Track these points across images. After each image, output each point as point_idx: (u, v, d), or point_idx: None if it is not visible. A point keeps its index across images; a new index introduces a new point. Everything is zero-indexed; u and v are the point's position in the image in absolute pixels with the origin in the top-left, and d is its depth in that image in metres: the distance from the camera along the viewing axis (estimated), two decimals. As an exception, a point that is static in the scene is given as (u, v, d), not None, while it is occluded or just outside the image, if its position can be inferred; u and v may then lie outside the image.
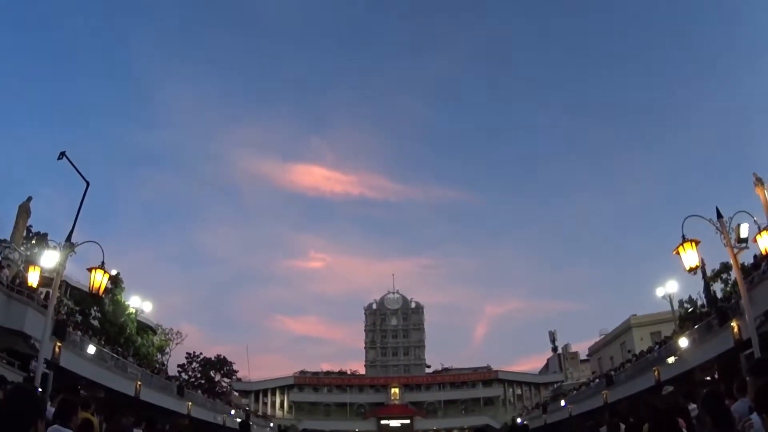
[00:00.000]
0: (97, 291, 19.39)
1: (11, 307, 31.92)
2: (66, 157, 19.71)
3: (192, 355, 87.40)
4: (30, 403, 4.07)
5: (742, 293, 21.75)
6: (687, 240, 18.79)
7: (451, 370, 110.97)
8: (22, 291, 32.24)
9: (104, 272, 18.96)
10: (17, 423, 3.88)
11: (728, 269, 39.96)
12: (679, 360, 38.49)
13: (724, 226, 19.79)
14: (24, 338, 32.41)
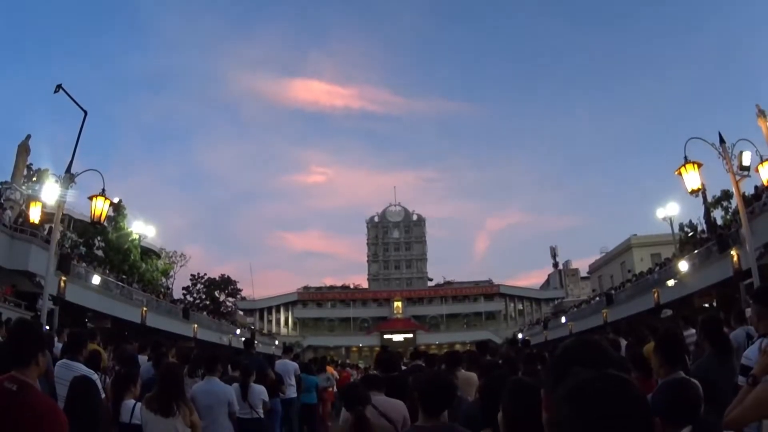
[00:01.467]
0: (99, 219, 19.31)
1: (15, 248, 31.94)
2: (62, 89, 19.38)
3: (196, 277, 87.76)
4: (31, 336, 4.08)
5: (743, 222, 21.83)
6: (689, 161, 18.70)
7: (453, 283, 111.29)
8: (24, 230, 32.27)
9: (105, 199, 18.81)
10: (19, 357, 3.89)
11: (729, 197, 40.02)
12: (679, 284, 38.69)
13: (727, 152, 19.77)
14: (29, 277, 32.43)
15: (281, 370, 15.32)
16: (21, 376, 3.79)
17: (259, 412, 10.38)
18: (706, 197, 40.89)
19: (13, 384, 3.71)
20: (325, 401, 20.49)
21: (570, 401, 1.52)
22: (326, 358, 26.14)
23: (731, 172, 19.77)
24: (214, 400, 8.44)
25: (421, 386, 4.69)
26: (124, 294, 45.85)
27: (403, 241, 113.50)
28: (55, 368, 7.66)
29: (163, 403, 6.75)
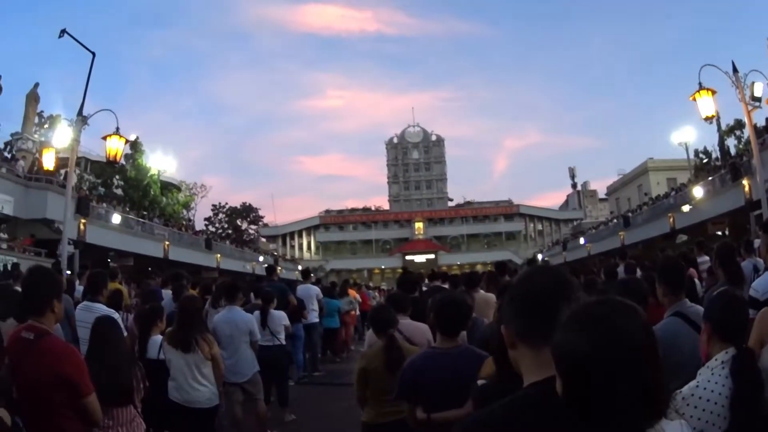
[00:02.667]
0: (115, 158, 19.27)
1: (30, 197, 32.19)
2: (67, 33, 19.06)
3: (217, 207, 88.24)
4: (45, 284, 4.14)
5: (754, 153, 21.89)
6: (703, 88, 18.60)
7: (473, 203, 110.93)
8: (39, 178, 32.44)
9: (120, 138, 18.66)
10: (35, 305, 4.01)
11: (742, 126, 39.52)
12: (694, 210, 38.49)
13: (740, 81, 19.60)
14: (48, 224, 32.71)
15: (303, 295, 15.33)
16: (37, 324, 3.92)
17: (281, 339, 10.42)
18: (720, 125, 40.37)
19: (30, 333, 3.86)
20: (347, 325, 20.64)
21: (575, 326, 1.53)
22: (348, 281, 26.07)
23: (743, 101, 19.74)
24: (235, 329, 8.48)
25: (436, 308, 4.68)
26: (146, 230, 46.15)
27: (423, 162, 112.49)
28: (76, 311, 7.83)
29: (182, 338, 6.79)
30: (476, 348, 4.50)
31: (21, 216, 32.31)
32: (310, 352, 15.73)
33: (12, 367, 3.73)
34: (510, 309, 1.87)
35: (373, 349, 5.73)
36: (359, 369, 5.60)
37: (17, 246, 30.89)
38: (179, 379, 6.81)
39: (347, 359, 18.82)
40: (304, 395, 12.88)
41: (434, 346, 4.67)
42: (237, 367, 8.30)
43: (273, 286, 12.54)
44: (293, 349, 13.11)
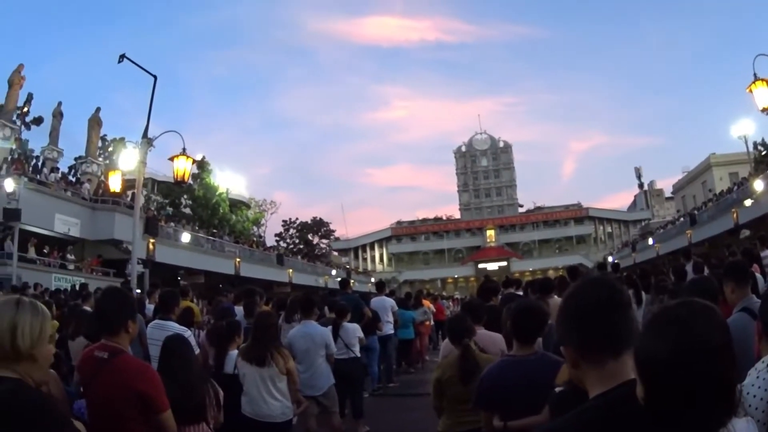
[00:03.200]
0: (183, 178, 18.77)
1: (98, 219, 32.59)
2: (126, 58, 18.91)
3: (288, 222, 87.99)
4: (119, 304, 4.12)
5: None
6: (759, 78, 17.58)
7: (543, 208, 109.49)
8: (106, 200, 32.70)
9: (187, 158, 18.25)
10: (108, 325, 3.98)
11: (801, 118, 37.76)
12: (755, 204, 37.42)
13: None
14: (115, 245, 32.99)
15: (377, 307, 15.13)
16: (111, 342, 3.91)
17: (355, 351, 10.35)
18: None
19: (103, 352, 3.86)
20: (422, 335, 20.28)
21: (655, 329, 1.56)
22: (422, 291, 26.02)
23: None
24: (311, 343, 8.46)
25: (512, 315, 4.58)
26: (216, 247, 46.34)
27: (492, 169, 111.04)
28: (148, 329, 7.90)
29: (257, 353, 6.75)
30: (552, 354, 4.46)
31: (88, 237, 32.65)
32: (385, 363, 15.65)
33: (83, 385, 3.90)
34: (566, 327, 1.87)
35: (449, 359, 5.69)
36: (435, 379, 5.60)
37: (85, 267, 31.29)
38: (252, 394, 6.77)
39: (422, 370, 18.61)
40: (379, 407, 12.78)
41: (511, 354, 4.61)
42: (312, 381, 8.32)
43: (347, 299, 12.60)
44: (368, 361, 13.22)
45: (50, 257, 29.46)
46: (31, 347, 2.77)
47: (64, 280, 27.56)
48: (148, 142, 19.31)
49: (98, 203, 33.04)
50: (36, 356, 2.80)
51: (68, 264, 30.16)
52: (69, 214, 31.08)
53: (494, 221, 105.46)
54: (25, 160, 32.50)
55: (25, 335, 2.75)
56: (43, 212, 28.97)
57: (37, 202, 28.58)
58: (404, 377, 17.16)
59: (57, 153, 36.57)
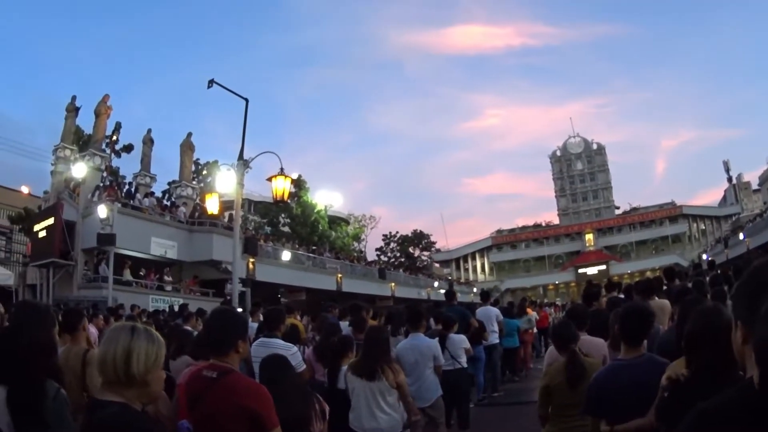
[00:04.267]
0: (282, 197, 18.23)
1: (195, 241, 32.75)
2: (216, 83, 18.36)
3: (388, 236, 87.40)
4: (230, 324, 4.07)
5: None
6: None
7: (638, 209, 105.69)
8: (203, 222, 32.74)
9: (285, 177, 17.59)
10: (218, 345, 3.92)
11: None
12: None
13: None
14: (214, 265, 32.80)
15: (483, 316, 14.86)
16: (220, 362, 3.84)
17: (462, 362, 10.14)
18: None
19: (212, 371, 3.79)
20: (526, 343, 19.86)
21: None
22: (526, 299, 25.00)
23: None
24: (419, 355, 8.25)
25: (620, 317, 4.61)
26: (317, 264, 46.15)
27: (587, 172, 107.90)
28: (252, 347, 7.51)
29: (367, 367, 6.68)
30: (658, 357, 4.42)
31: (185, 259, 32.73)
32: (491, 372, 15.26)
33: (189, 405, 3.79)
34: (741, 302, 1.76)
35: (556, 366, 5.62)
36: (543, 386, 5.55)
37: (183, 287, 31.52)
38: (360, 408, 6.71)
39: (526, 378, 18.27)
40: (484, 417, 12.41)
41: (619, 358, 4.58)
42: (420, 392, 7.98)
43: (453, 311, 12.43)
44: (474, 371, 12.96)
45: (147, 279, 29.67)
46: (145, 374, 2.78)
47: (161, 301, 27.67)
48: (245, 164, 18.95)
49: (195, 225, 33.10)
50: (149, 382, 2.82)
51: (165, 285, 30.38)
52: (165, 237, 31.27)
53: (592, 225, 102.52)
54: (117, 187, 32.82)
55: (140, 362, 2.75)
56: (138, 236, 29.13)
57: (131, 227, 28.84)
58: (509, 386, 16.69)
59: (149, 178, 36.85)
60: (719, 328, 2.87)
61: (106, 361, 2.75)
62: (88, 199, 29.63)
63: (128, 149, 43.36)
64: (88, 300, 24.45)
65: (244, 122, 19.61)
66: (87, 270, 29.18)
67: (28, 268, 30.53)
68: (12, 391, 3.26)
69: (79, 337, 5.60)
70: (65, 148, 32.14)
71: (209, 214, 26.85)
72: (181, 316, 14.52)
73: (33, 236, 32.21)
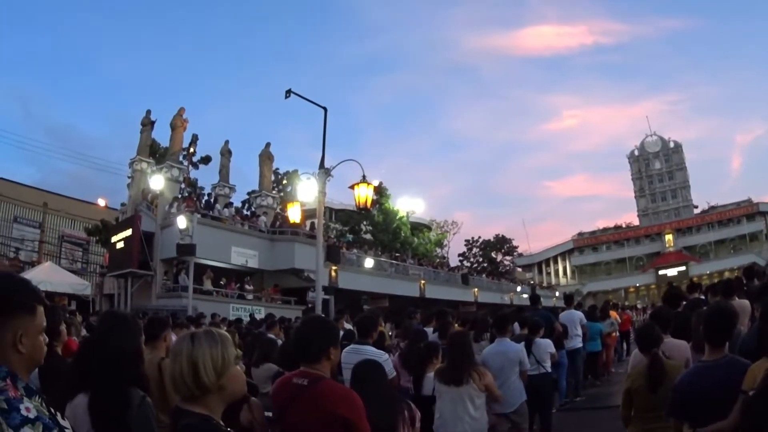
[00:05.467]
0: (365, 205, 17.96)
1: (276, 250, 32.58)
2: (293, 92, 17.97)
3: (471, 242, 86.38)
4: (321, 332, 3.94)
5: None
6: None
7: (716, 207, 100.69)
8: (284, 231, 32.57)
9: (368, 185, 17.41)
10: (308, 352, 3.82)
11: None
12: None
13: None
14: (296, 273, 32.55)
15: (567, 320, 14.64)
16: (311, 369, 3.77)
17: (546, 366, 10.09)
18: None
19: (303, 379, 3.74)
20: (608, 347, 19.30)
21: None
22: (608, 302, 25.09)
23: None
24: (506, 360, 8.10)
25: (704, 318, 4.48)
26: (399, 271, 45.72)
27: (666, 171, 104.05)
28: (343, 354, 7.15)
29: (454, 373, 6.59)
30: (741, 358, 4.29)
31: (267, 268, 32.40)
32: (574, 377, 14.83)
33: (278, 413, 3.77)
34: None
35: (638, 369, 5.52)
36: (626, 390, 5.48)
37: (264, 296, 31.32)
38: (446, 413, 6.60)
39: (608, 382, 17.72)
40: (566, 421, 12.12)
41: (703, 360, 4.40)
42: (505, 397, 7.69)
43: (538, 315, 12.29)
44: (557, 375, 12.54)
45: (228, 288, 29.47)
46: (216, 379, 2.56)
47: (242, 309, 27.33)
48: (326, 172, 18.60)
49: (276, 234, 32.79)
50: (224, 386, 2.60)
51: (246, 294, 30.10)
52: (246, 246, 31.00)
53: (671, 225, 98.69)
54: (196, 198, 33.09)
55: (208, 370, 2.54)
56: (218, 246, 29.06)
57: (211, 237, 28.76)
58: (591, 390, 16.48)
59: (228, 189, 36.81)
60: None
61: (175, 378, 2.55)
62: (166, 211, 29.73)
63: (206, 161, 43.66)
64: (167, 309, 24.27)
65: (323, 131, 19.18)
66: (166, 280, 29.26)
67: (105, 278, 30.88)
68: (94, 397, 3.38)
69: (159, 346, 5.45)
70: (141, 161, 32.26)
71: (291, 222, 26.76)
72: (265, 324, 14.38)
73: (110, 247, 32.62)
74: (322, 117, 19.54)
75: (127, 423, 3.21)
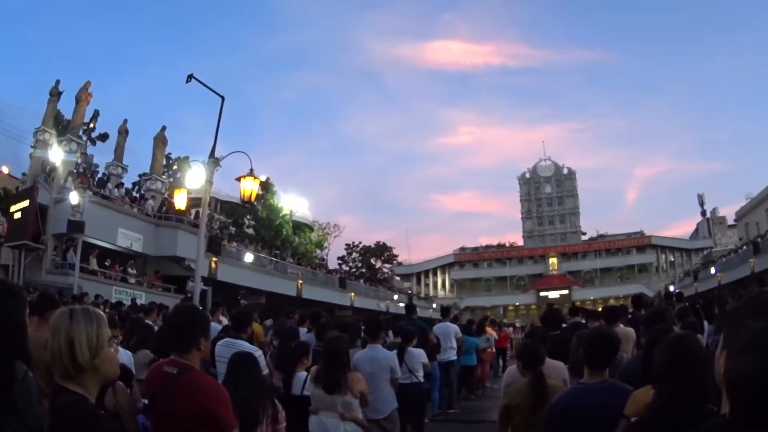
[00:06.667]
0: (249, 198, 18.08)
1: (161, 235, 32.96)
2: (195, 78, 18.84)
3: (351, 246, 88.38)
4: (193, 321, 4.07)
5: None
6: None
7: (606, 236, 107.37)
8: (170, 217, 33.04)
9: (254, 178, 17.64)
10: (180, 341, 3.93)
11: None
12: None
13: None
14: (177, 261, 33.29)
15: (441, 332, 15.11)
16: (181, 359, 3.86)
17: (419, 376, 10.27)
18: None
19: (173, 367, 3.82)
20: (484, 362, 20.19)
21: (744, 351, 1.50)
22: (486, 318, 25.46)
23: None
24: (377, 366, 8.29)
25: (586, 342, 4.66)
26: (278, 269, 46.37)
27: (555, 196, 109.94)
28: (217, 347, 7.63)
29: (329, 378, 6.72)
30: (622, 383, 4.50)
31: (150, 253, 33.00)
32: (447, 389, 15.46)
33: (150, 400, 3.94)
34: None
35: (518, 386, 5.76)
36: (503, 405, 5.60)
37: (146, 281, 31.67)
38: (321, 418, 6.79)
39: (482, 397, 18.58)
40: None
41: (582, 382, 4.61)
42: (376, 404, 7.99)
43: (412, 324, 12.48)
44: (430, 386, 12.87)
45: (112, 270, 29.91)
46: (91, 359, 2.76)
47: (124, 293, 27.95)
48: (216, 162, 19.21)
49: (162, 220, 33.38)
50: (98, 366, 2.81)
51: (129, 278, 30.59)
52: (132, 229, 31.52)
53: (557, 249, 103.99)
54: (91, 175, 33.05)
55: (83, 349, 2.75)
56: (106, 226, 29.47)
57: (100, 216, 29.11)
58: (464, 404, 16.90)
59: (122, 169, 37.09)
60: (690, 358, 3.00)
61: (54, 354, 2.77)
62: (61, 185, 29.84)
63: (104, 138, 43.63)
64: (56, 286, 24.80)
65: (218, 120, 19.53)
66: (55, 255, 29.46)
67: (2, 248, 30.99)
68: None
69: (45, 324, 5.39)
70: (45, 131, 32.30)
71: (176, 209, 27.20)
72: (144, 311, 15.02)
73: (9, 217, 32.28)
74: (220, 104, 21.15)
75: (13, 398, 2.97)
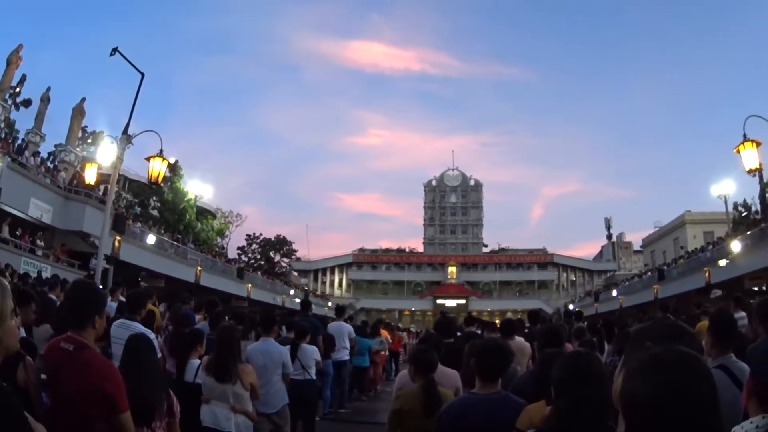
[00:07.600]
0: (156, 179, 19.54)
1: (69, 208, 32.95)
2: (118, 52, 19.55)
3: (252, 237, 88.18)
4: (90, 299, 4.09)
5: None
6: (748, 140, 18.47)
7: (507, 250, 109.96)
8: (79, 191, 33.19)
9: (163, 159, 19.02)
10: (77, 318, 3.94)
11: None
12: (730, 264, 37.82)
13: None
14: (83, 237, 33.51)
15: (335, 331, 15.48)
16: (77, 336, 3.86)
17: (311, 373, 10.47)
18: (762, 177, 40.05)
19: (69, 344, 3.81)
20: (377, 364, 20.70)
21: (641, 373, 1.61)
22: (381, 321, 26.38)
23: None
24: (269, 360, 8.54)
25: (478, 352, 4.74)
26: (179, 253, 46.76)
27: (460, 206, 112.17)
28: (112, 328, 7.64)
29: (221, 368, 6.82)
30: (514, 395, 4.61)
31: (58, 226, 33.04)
32: (339, 388, 15.87)
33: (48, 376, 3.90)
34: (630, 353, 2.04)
35: (410, 391, 5.77)
36: (394, 410, 5.66)
37: (53, 254, 31.52)
38: (213, 406, 6.91)
39: (374, 398, 19.15)
40: (330, 431, 13.08)
41: (474, 392, 4.69)
42: (267, 398, 8.28)
43: (307, 321, 12.71)
44: (321, 384, 13.27)
45: (22, 240, 29.71)
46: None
47: (32, 265, 27.91)
48: (128, 139, 19.96)
49: (72, 193, 33.39)
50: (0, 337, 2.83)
51: (37, 249, 30.43)
52: (44, 200, 31.55)
53: (457, 258, 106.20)
54: (11, 141, 33.00)
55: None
56: (20, 194, 29.38)
57: (16, 184, 28.97)
58: (356, 404, 17.45)
59: (40, 137, 37.16)
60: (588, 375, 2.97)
61: None
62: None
63: (27, 104, 42.20)
64: None
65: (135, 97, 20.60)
66: None
67: None
68: None
69: None
70: None
71: (86, 184, 27.93)
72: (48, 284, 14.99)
73: None
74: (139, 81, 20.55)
75: None
